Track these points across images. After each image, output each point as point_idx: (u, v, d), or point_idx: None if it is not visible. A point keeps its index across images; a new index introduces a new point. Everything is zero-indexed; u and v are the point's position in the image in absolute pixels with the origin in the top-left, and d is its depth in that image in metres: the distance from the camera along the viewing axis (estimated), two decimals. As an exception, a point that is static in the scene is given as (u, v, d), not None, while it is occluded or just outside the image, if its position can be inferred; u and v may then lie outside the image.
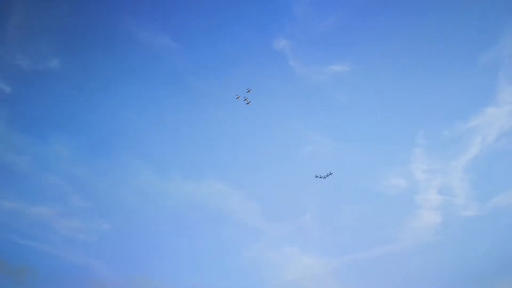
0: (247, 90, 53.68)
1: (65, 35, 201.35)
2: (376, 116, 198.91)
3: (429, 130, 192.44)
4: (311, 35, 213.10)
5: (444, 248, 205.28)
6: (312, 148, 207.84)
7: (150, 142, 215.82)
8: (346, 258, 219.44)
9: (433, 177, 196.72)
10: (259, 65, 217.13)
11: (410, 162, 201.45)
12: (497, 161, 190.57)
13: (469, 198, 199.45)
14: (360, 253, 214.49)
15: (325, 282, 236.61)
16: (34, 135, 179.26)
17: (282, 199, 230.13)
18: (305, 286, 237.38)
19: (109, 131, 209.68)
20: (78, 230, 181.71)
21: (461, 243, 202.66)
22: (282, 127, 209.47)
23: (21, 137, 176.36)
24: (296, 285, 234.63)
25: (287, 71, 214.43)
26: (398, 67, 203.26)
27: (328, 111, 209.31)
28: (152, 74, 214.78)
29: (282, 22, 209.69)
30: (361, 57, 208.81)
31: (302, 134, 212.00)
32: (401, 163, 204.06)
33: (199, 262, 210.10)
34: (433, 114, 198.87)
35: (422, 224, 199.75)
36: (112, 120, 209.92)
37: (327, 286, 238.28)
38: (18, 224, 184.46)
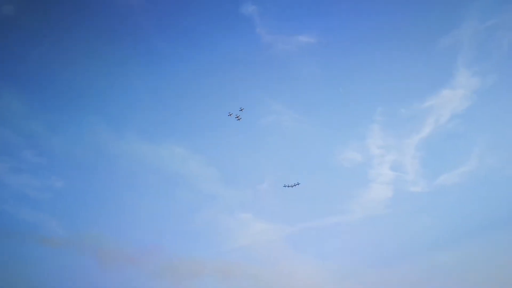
0: (240, 109, 54.46)
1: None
2: (338, 90, 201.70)
3: (387, 107, 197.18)
4: (281, 3, 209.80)
5: (392, 221, 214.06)
6: (274, 118, 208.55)
7: (108, 100, 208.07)
8: (299, 226, 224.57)
9: (387, 153, 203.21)
10: (224, 28, 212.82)
11: (366, 137, 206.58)
12: (447, 141, 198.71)
13: (418, 175, 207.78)
14: (312, 222, 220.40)
15: (277, 247, 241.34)
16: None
17: (240, 167, 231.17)
18: (258, 251, 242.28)
19: (64, 86, 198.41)
20: (30, 187, 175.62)
21: (408, 217, 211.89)
22: (245, 95, 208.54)
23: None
24: (249, 249, 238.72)
25: (253, 37, 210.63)
26: (363, 44, 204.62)
27: (292, 82, 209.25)
28: (114, 32, 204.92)
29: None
30: (328, 30, 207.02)
31: (264, 103, 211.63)
32: (358, 138, 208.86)
33: (154, 223, 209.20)
34: (392, 93, 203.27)
35: (373, 197, 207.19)
36: (68, 75, 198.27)
37: (279, 251, 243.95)
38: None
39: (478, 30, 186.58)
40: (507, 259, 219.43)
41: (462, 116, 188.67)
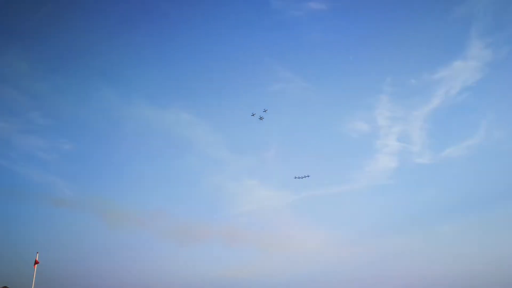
0: (264, 110, 55.36)
1: None
2: (348, 58, 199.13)
3: (397, 77, 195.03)
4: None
5: (395, 191, 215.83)
6: (282, 86, 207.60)
7: (115, 62, 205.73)
8: (304, 194, 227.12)
9: (394, 124, 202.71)
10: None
11: (375, 107, 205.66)
12: (456, 114, 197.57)
13: (424, 146, 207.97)
14: (317, 190, 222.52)
15: (281, 214, 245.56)
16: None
17: (247, 134, 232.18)
18: (263, 217, 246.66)
19: (70, 48, 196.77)
20: (38, 148, 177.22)
21: (412, 188, 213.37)
22: (253, 61, 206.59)
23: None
24: (254, 215, 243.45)
25: (263, 2, 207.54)
26: (374, 12, 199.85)
27: (301, 49, 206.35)
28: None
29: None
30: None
31: (272, 69, 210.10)
32: (366, 108, 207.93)
33: (161, 187, 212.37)
34: (402, 62, 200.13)
35: (378, 168, 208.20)
36: (74, 35, 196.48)
37: (283, 218, 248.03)
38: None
39: (493, 0, 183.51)
40: (509, 232, 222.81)
41: (473, 88, 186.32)
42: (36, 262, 20.85)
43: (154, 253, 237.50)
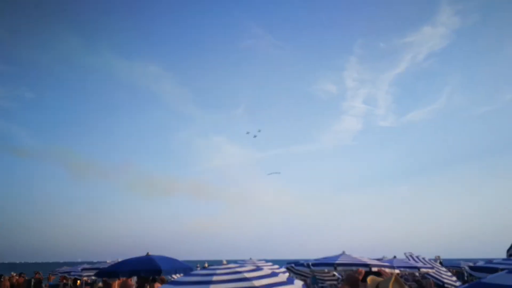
0: (258, 130, 57.93)
1: None
2: (319, 16, 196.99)
3: (367, 40, 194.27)
4: None
5: (358, 152, 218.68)
6: (252, 42, 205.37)
7: (78, 6, 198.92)
8: (270, 152, 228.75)
9: (361, 86, 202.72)
10: None
11: (344, 69, 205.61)
12: (421, 79, 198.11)
13: (389, 110, 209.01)
14: (282, 149, 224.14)
15: (247, 170, 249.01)
16: None
17: (215, 90, 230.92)
18: (229, 173, 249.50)
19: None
20: None
21: (374, 150, 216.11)
22: (224, 14, 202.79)
23: None
24: (221, 171, 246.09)
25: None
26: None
27: (272, 6, 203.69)
28: None
29: None
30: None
31: (243, 25, 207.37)
32: (335, 68, 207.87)
33: (126, 140, 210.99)
34: (373, 25, 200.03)
35: (343, 129, 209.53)
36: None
37: (249, 174, 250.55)
38: None
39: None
40: (460, 192, 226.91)
41: (439, 54, 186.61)
42: None
43: (119, 205, 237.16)
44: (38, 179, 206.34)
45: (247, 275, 5.91)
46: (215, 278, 5.81)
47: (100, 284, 25.38)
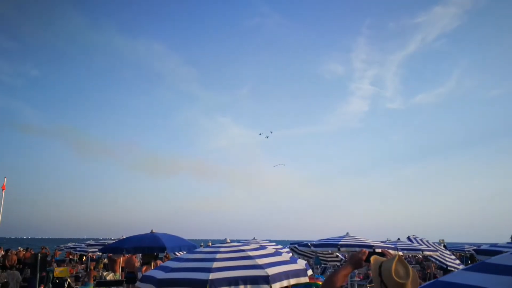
0: (270, 132, 61.46)
1: None
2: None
3: (376, 20, 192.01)
4: None
5: (365, 134, 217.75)
6: (258, 21, 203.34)
7: None
8: (275, 133, 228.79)
9: (369, 68, 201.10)
10: None
11: (351, 50, 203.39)
12: (430, 61, 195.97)
13: (396, 92, 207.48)
14: (288, 130, 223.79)
15: (251, 151, 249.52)
16: None
17: (221, 70, 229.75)
18: (234, 153, 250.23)
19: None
20: (2, 72, 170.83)
21: (380, 132, 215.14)
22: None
23: None
24: (225, 151, 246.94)
25: None
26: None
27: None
28: None
29: None
30: None
31: (249, 2, 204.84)
32: (343, 49, 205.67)
33: (131, 119, 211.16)
34: (383, 5, 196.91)
35: (350, 111, 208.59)
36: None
37: (254, 155, 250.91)
38: None
39: None
40: (467, 176, 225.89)
41: (449, 36, 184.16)
42: (3, 188, 19.54)
43: (124, 183, 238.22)
44: (44, 156, 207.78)
45: (250, 253, 5.92)
46: (218, 255, 5.82)
47: (106, 260, 25.68)
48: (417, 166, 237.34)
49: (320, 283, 16.22)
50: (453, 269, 15.26)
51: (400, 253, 13.49)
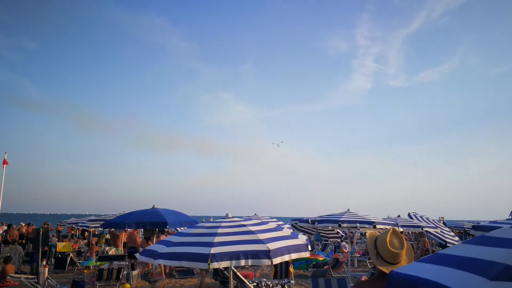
0: (281, 141, 63.15)
1: None
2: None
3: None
4: None
5: (367, 112, 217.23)
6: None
7: None
8: (277, 110, 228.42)
9: (373, 45, 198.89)
10: None
11: (355, 26, 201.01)
12: (434, 38, 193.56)
13: (400, 69, 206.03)
14: (290, 107, 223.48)
15: (253, 129, 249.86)
16: None
17: (223, 44, 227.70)
18: (236, 130, 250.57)
19: None
20: (1, 46, 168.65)
21: (383, 109, 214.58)
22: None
23: None
24: (227, 127, 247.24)
25: None
26: None
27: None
28: None
29: None
30: None
31: None
32: (346, 25, 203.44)
33: (132, 94, 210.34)
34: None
35: (352, 88, 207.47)
36: None
37: (254, 132, 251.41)
38: None
39: None
40: (469, 154, 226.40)
41: (455, 12, 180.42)
42: (4, 162, 19.40)
43: (125, 159, 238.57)
44: (44, 131, 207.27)
45: (252, 228, 5.96)
46: (220, 230, 5.87)
47: (107, 235, 25.96)
48: (420, 144, 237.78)
49: (321, 258, 16.46)
50: (451, 245, 15.41)
51: (401, 229, 13.62)
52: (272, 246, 5.44)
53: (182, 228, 12.78)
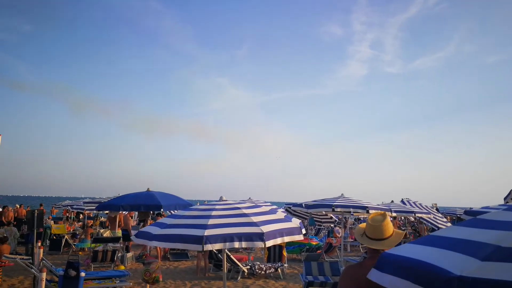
0: (279, 156, 63.01)
1: None
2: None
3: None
4: None
5: (363, 98, 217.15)
6: None
7: None
8: (273, 95, 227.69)
9: (369, 30, 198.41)
10: None
11: (352, 12, 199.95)
12: (431, 25, 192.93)
13: (396, 56, 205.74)
14: (286, 92, 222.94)
15: (249, 113, 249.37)
16: None
17: (219, 27, 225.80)
18: (231, 115, 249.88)
19: None
20: None
21: (378, 96, 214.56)
22: None
23: None
24: (222, 113, 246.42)
25: None
26: None
27: None
28: None
29: None
30: None
31: None
32: (343, 11, 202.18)
33: (126, 77, 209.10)
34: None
35: (348, 74, 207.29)
36: None
37: (250, 117, 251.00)
38: None
39: None
40: (464, 142, 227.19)
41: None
42: None
43: (120, 142, 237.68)
44: (38, 114, 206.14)
45: (245, 211, 5.98)
46: (214, 213, 5.88)
47: (102, 218, 26.00)
48: (415, 131, 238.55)
49: (314, 243, 16.59)
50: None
51: (394, 214, 13.72)
52: (265, 228, 5.46)
53: (176, 211, 12.81)
